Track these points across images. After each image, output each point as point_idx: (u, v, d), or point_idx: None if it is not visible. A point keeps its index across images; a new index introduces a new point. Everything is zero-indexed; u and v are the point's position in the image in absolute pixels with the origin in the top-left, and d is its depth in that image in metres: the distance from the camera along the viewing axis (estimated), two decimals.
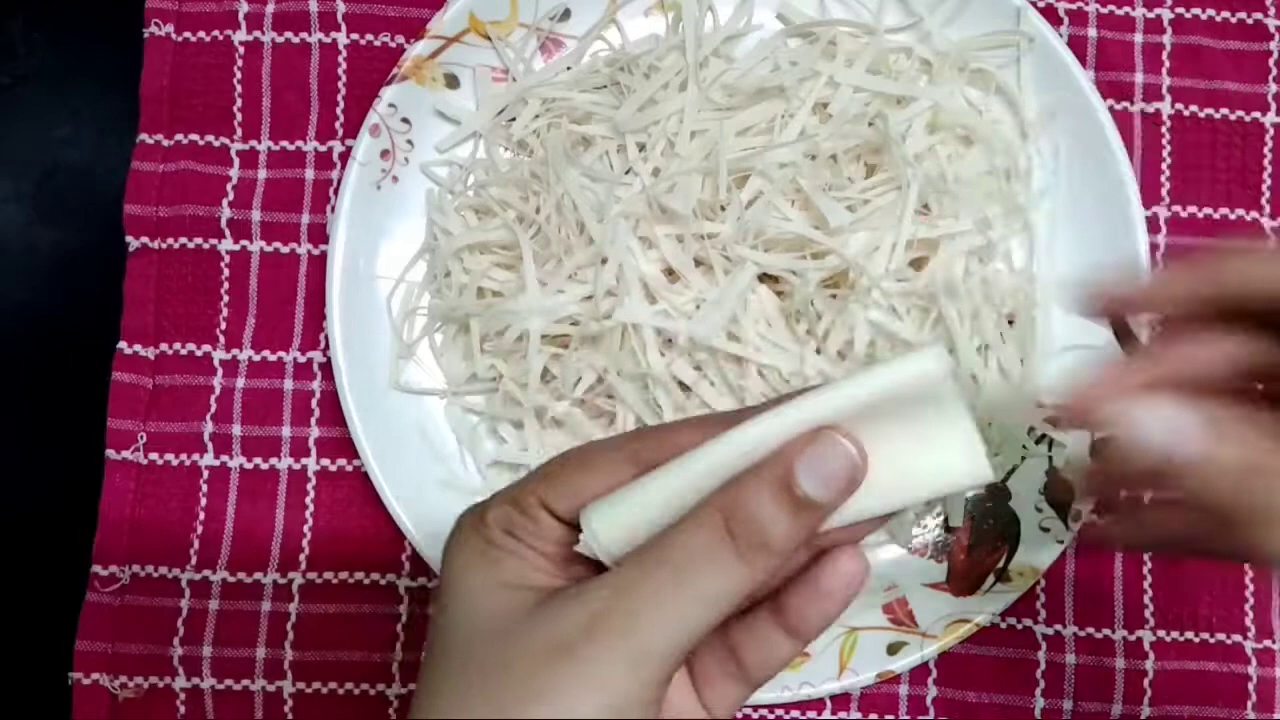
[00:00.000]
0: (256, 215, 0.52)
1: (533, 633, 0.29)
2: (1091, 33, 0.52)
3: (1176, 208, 0.52)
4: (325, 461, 0.51)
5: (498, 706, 0.28)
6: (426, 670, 0.31)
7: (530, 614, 0.29)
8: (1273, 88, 0.53)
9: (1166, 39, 0.53)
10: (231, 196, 0.52)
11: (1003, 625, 0.50)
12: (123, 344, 0.51)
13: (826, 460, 0.29)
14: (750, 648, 0.32)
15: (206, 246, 0.52)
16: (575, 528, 0.30)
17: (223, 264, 0.52)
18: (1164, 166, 0.52)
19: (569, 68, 0.52)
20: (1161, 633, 0.50)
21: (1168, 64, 0.53)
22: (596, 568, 0.31)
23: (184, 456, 0.51)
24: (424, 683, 0.30)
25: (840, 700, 0.49)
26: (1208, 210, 0.52)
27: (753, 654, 0.32)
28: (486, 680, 0.29)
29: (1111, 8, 0.53)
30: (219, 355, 0.52)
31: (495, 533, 0.31)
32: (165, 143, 0.52)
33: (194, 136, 0.53)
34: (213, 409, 0.51)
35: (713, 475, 0.29)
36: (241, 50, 0.53)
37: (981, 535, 0.50)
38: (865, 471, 0.29)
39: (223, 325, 0.52)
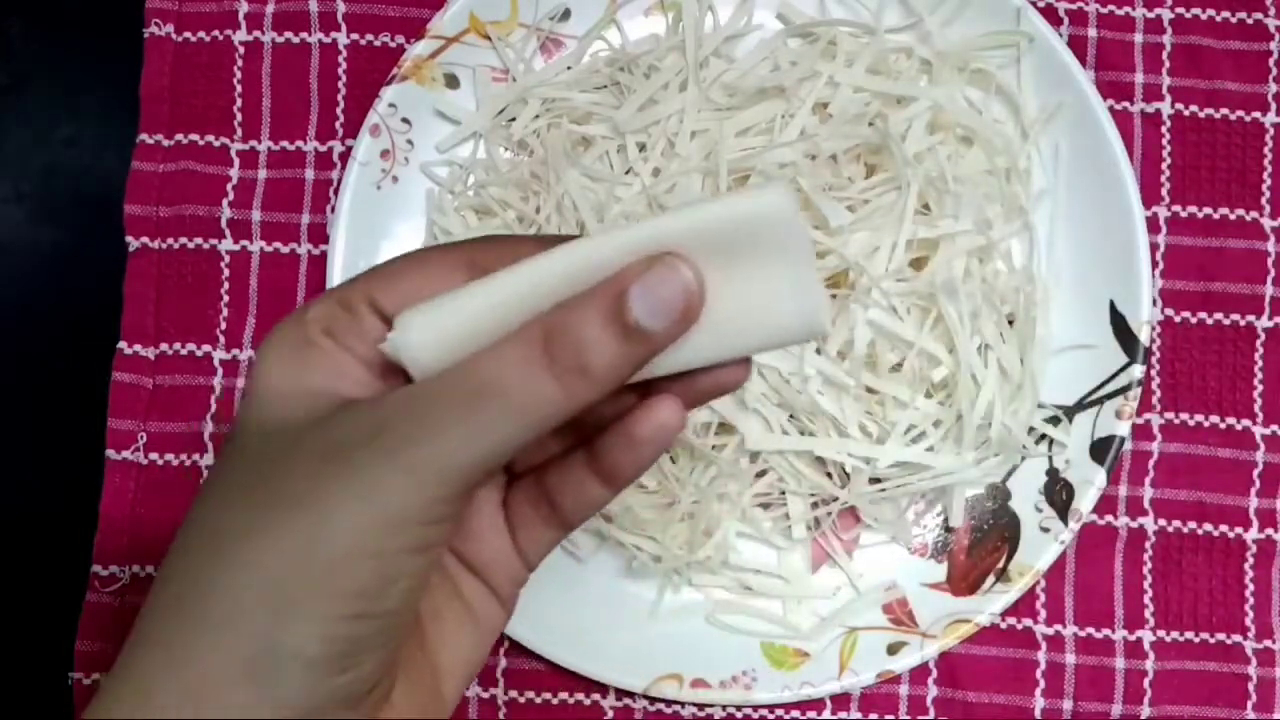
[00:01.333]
0: (256, 215, 0.52)
1: (315, 436, 0.27)
2: (1091, 33, 0.52)
3: (1176, 208, 0.52)
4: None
5: (257, 512, 0.26)
6: (206, 477, 0.29)
7: (322, 420, 0.27)
8: (1273, 88, 0.53)
9: (1167, 39, 0.53)
10: (231, 196, 0.52)
11: (1003, 625, 0.50)
12: (123, 344, 0.51)
13: (663, 285, 0.27)
14: (564, 492, 0.31)
15: (206, 246, 0.52)
16: None
17: (223, 264, 0.52)
18: (1164, 166, 0.52)
19: (569, 68, 0.52)
20: (1161, 633, 0.50)
21: (1168, 64, 0.53)
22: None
23: (184, 456, 0.51)
24: (201, 491, 0.28)
25: (840, 700, 0.49)
26: (1208, 210, 0.52)
27: (567, 499, 0.31)
28: (254, 486, 0.27)
29: (1111, 8, 0.53)
30: (219, 355, 0.52)
31: (313, 330, 0.28)
32: (165, 143, 0.52)
33: (194, 136, 0.53)
34: (213, 409, 0.51)
35: (542, 292, 0.27)
36: (241, 50, 0.53)
37: (981, 535, 0.50)
38: (703, 303, 0.27)
39: (223, 325, 0.52)
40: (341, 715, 0.27)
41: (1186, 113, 0.52)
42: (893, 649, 0.48)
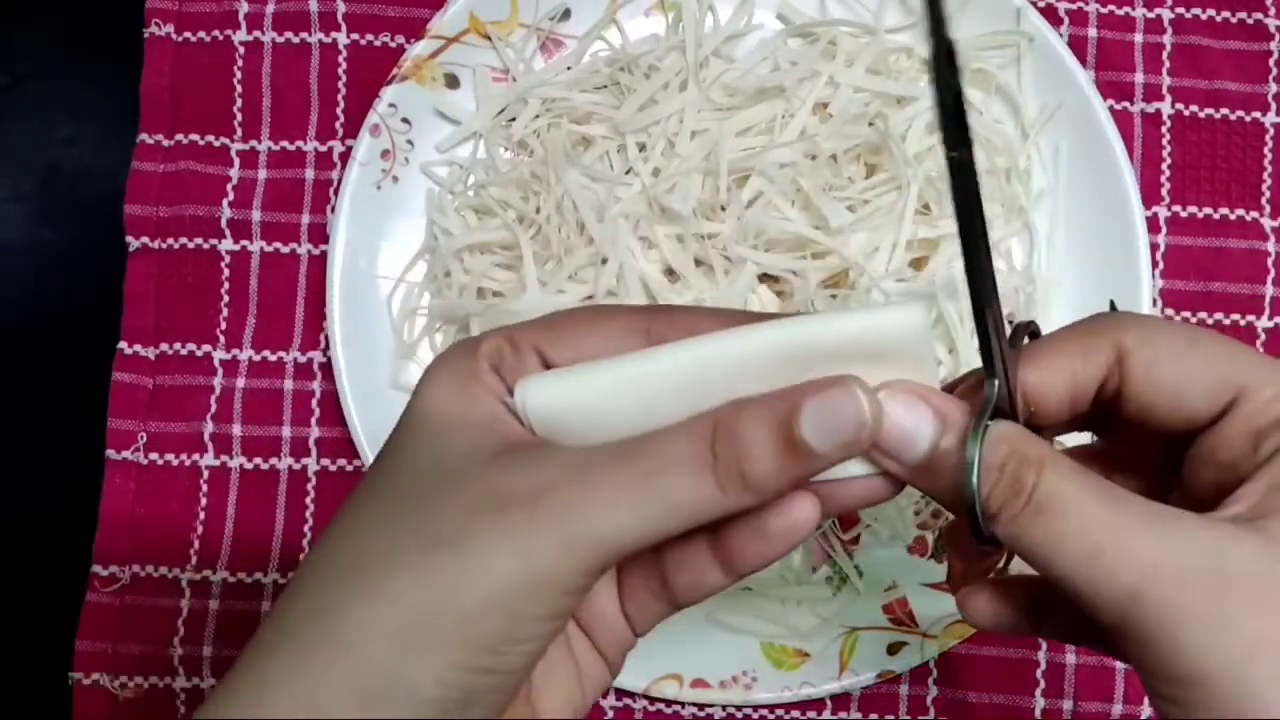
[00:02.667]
0: (257, 215, 0.52)
1: (478, 479, 0.27)
2: (1092, 33, 0.52)
3: (1176, 208, 0.52)
4: (325, 461, 0.51)
5: (402, 547, 0.26)
6: (356, 491, 0.29)
7: (485, 461, 0.27)
8: (1273, 88, 0.53)
9: (1167, 39, 0.53)
10: (231, 196, 0.52)
11: None
12: (123, 344, 0.51)
13: (838, 410, 0.27)
14: (681, 571, 0.31)
15: (207, 246, 0.52)
16: None
17: (223, 264, 0.52)
18: (1164, 166, 0.52)
19: (569, 68, 0.52)
20: None
21: (1168, 64, 0.53)
22: None
23: (184, 456, 0.51)
24: (345, 509, 0.28)
25: (840, 700, 0.49)
26: (1208, 210, 0.52)
27: (682, 578, 0.31)
28: (404, 518, 0.27)
29: (1111, 8, 0.53)
30: (219, 355, 0.52)
31: (483, 365, 0.29)
32: (165, 143, 0.52)
33: (194, 136, 0.53)
34: (213, 409, 0.51)
35: (675, 382, 0.28)
36: (241, 50, 0.53)
37: None
38: (874, 434, 0.27)
39: (223, 325, 0.52)
40: None
41: (1186, 113, 0.52)
42: (893, 649, 0.48)
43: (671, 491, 0.26)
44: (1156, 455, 0.31)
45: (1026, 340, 0.30)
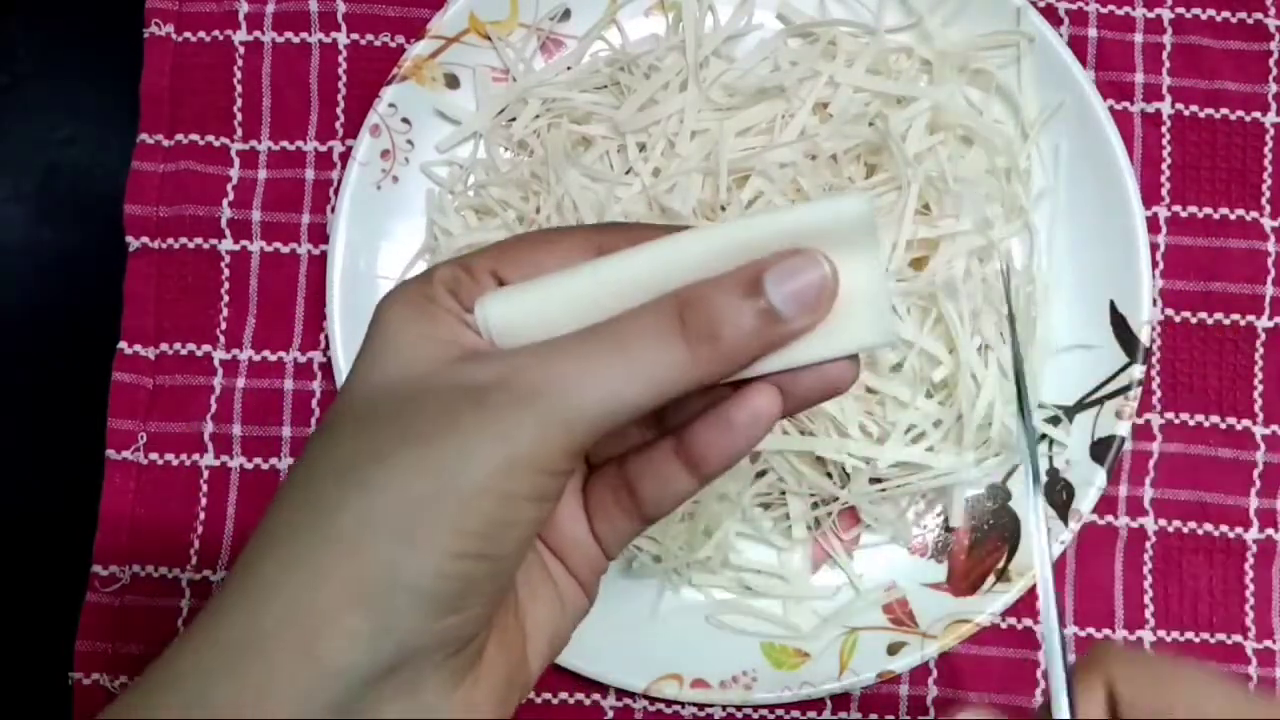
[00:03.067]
0: (257, 215, 0.52)
1: (446, 378, 0.27)
2: (1092, 33, 0.52)
3: (1176, 208, 0.52)
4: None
5: (388, 445, 0.27)
6: (328, 413, 0.29)
7: (453, 364, 0.28)
8: (1273, 88, 0.53)
9: (1167, 39, 0.53)
10: (231, 196, 0.52)
11: (1003, 625, 0.50)
12: (123, 344, 0.51)
13: (802, 274, 0.28)
14: (647, 480, 0.31)
15: (206, 246, 0.52)
16: None
17: (223, 264, 0.52)
18: (1164, 166, 0.52)
19: (569, 68, 0.52)
20: (1161, 633, 0.50)
21: (1168, 64, 0.53)
22: None
23: (184, 456, 0.51)
24: (313, 437, 0.29)
25: (840, 700, 0.49)
26: (1208, 210, 0.52)
27: (649, 487, 0.31)
28: (382, 424, 0.27)
29: (1111, 8, 0.53)
30: (219, 355, 0.52)
31: (439, 289, 0.29)
32: (165, 143, 0.52)
33: (194, 136, 0.53)
34: (213, 409, 0.51)
35: (631, 285, 0.28)
36: (241, 50, 0.53)
37: (981, 535, 0.50)
38: (834, 299, 0.28)
39: (223, 325, 0.52)
40: (441, 660, 0.27)
41: (1186, 113, 0.52)
42: (893, 649, 0.48)
43: (642, 361, 0.27)
44: None
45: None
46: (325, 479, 0.27)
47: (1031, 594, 0.50)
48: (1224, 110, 0.52)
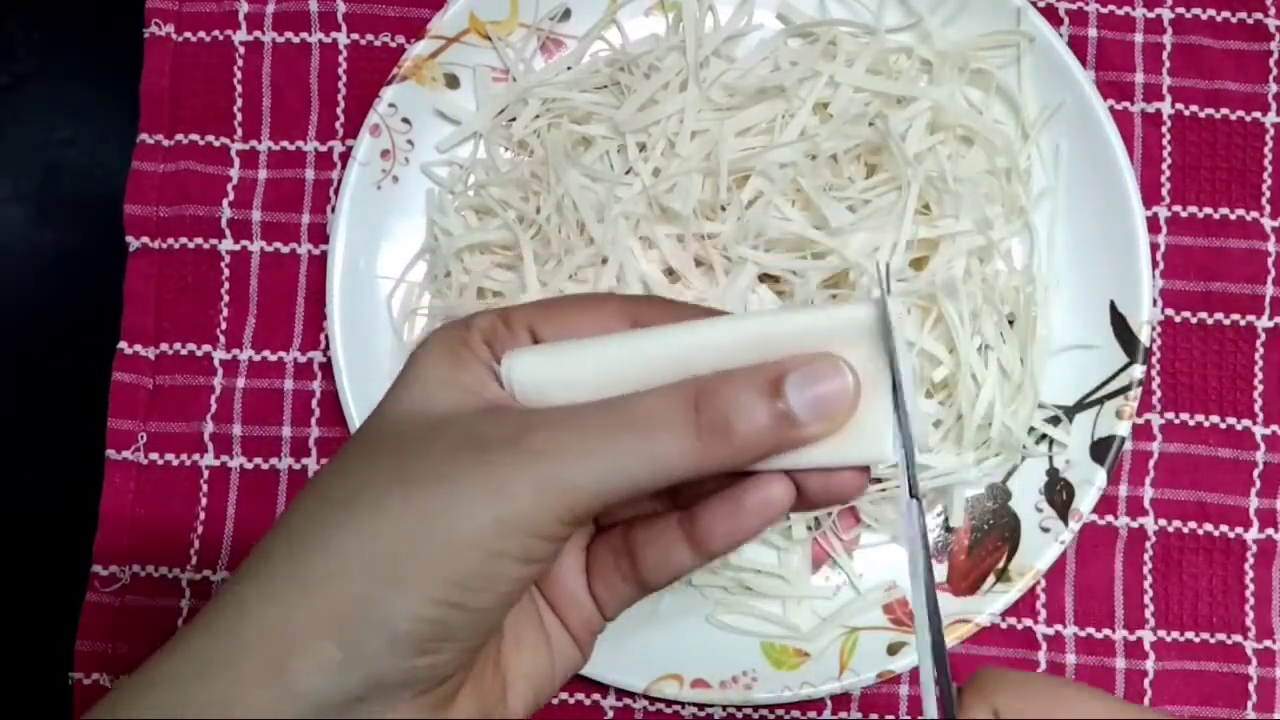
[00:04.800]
0: (257, 215, 0.52)
1: (458, 427, 0.28)
2: (1092, 33, 0.52)
3: (1176, 208, 0.52)
4: (325, 461, 0.51)
5: (384, 488, 0.27)
6: (348, 442, 0.30)
7: (469, 413, 0.28)
8: (1273, 88, 0.53)
9: (1167, 39, 0.53)
10: (232, 196, 0.52)
11: (1003, 625, 0.50)
12: (123, 344, 0.51)
13: (823, 381, 0.28)
14: (650, 550, 0.31)
15: (207, 246, 0.52)
16: None
17: (223, 264, 0.52)
18: (1164, 166, 0.52)
19: (569, 68, 0.52)
20: (1161, 633, 0.50)
21: (1168, 64, 0.53)
22: None
23: (184, 456, 0.51)
24: (335, 459, 0.29)
25: (840, 700, 0.49)
26: (1208, 210, 0.52)
27: (650, 556, 0.31)
28: (386, 463, 0.28)
29: (1112, 8, 0.53)
30: (219, 355, 0.52)
31: (474, 337, 0.30)
32: (165, 143, 0.52)
33: (194, 136, 0.53)
34: (213, 409, 0.51)
35: (653, 362, 0.29)
36: (241, 50, 0.53)
37: (982, 535, 0.50)
38: (853, 412, 0.28)
39: (223, 325, 0.52)
40: (406, 696, 0.27)
41: (1187, 113, 0.52)
42: (893, 649, 0.48)
43: (651, 442, 0.27)
44: None
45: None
46: (323, 508, 0.28)
47: (1032, 594, 0.50)
48: (1224, 110, 0.52)
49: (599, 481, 0.27)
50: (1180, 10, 0.53)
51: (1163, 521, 0.50)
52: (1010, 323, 0.49)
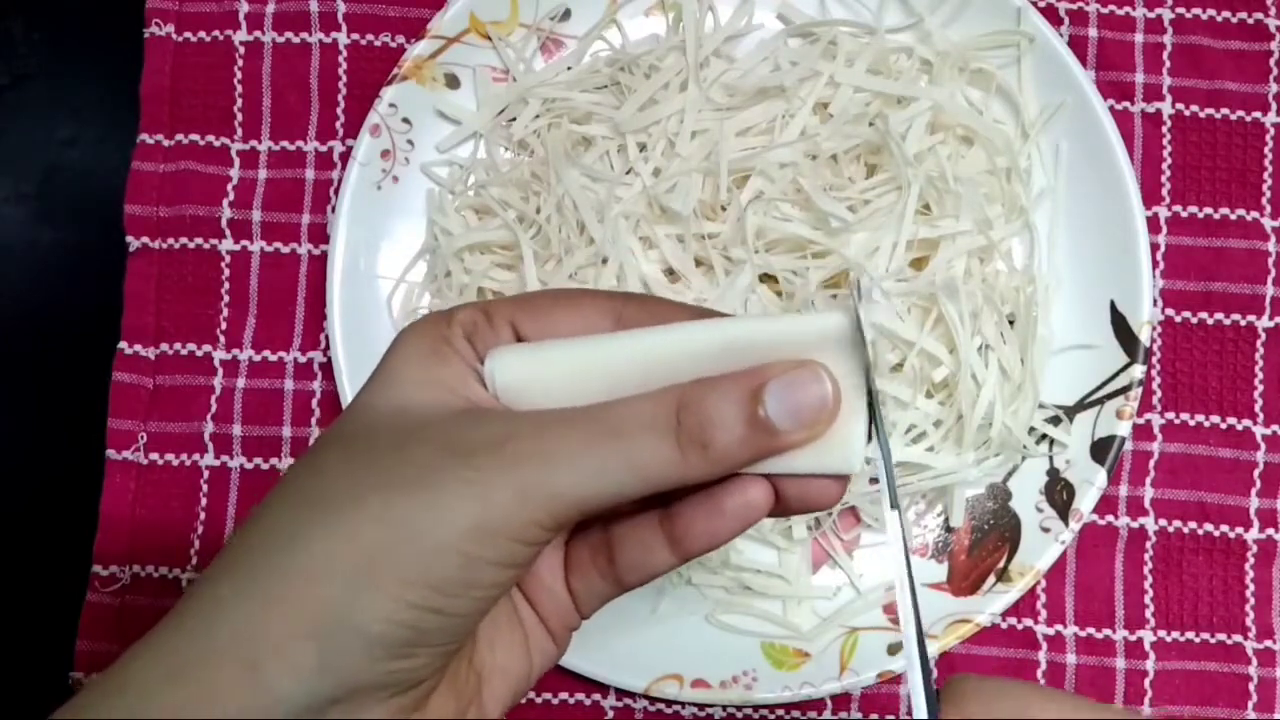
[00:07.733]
0: (257, 215, 0.52)
1: (440, 429, 0.28)
2: (1092, 33, 0.52)
3: (1176, 208, 0.52)
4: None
5: (363, 488, 0.27)
6: (321, 437, 0.29)
7: (450, 415, 0.28)
8: (1273, 88, 0.53)
9: (1167, 39, 0.53)
10: (232, 196, 0.52)
11: (1003, 625, 0.50)
12: (123, 344, 0.51)
13: (802, 389, 0.28)
14: (628, 548, 0.31)
15: (207, 246, 0.52)
16: None
17: (223, 264, 0.52)
18: (1164, 166, 0.52)
19: (569, 68, 0.52)
20: (1162, 633, 0.50)
21: (1168, 64, 0.53)
22: None
23: (184, 456, 0.51)
24: (307, 455, 0.29)
25: (840, 700, 0.49)
26: (1208, 210, 0.52)
27: (629, 554, 0.31)
28: (365, 464, 0.27)
29: (1112, 8, 0.53)
30: (219, 355, 0.52)
31: (455, 332, 0.29)
32: (165, 143, 0.52)
33: (194, 136, 0.53)
34: (213, 409, 0.51)
35: (636, 366, 0.29)
36: (242, 50, 0.53)
37: (982, 535, 0.50)
38: (833, 419, 0.28)
39: (223, 325, 0.52)
40: (381, 698, 0.27)
41: (1187, 113, 0.52)
42: (893, 649, 0.48)
43: (632, 451, 0.27)
44: None
45: None
46: (298, 508, 0.27)
47: (1032, 594, 0.50)
48: (1224, 110, 0.52)
49: (582, 489, 0.27)
50: (1180, 10, 0.53)
51: (1163, 521, 0.50)
52: (1010, 323, 0.49)
